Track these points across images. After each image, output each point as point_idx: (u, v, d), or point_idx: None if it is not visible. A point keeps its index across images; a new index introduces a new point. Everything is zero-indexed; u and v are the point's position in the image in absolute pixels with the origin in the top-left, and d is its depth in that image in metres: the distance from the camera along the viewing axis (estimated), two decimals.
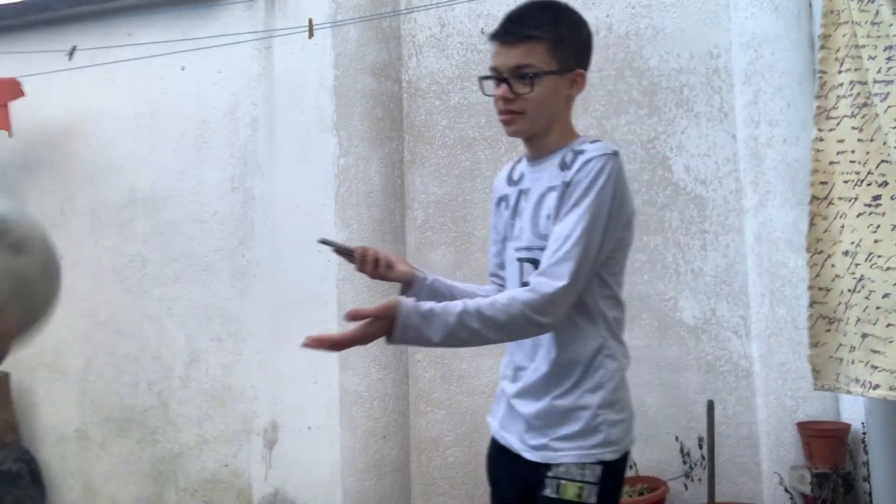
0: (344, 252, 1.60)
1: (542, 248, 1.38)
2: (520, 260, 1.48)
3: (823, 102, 2.14)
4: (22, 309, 0.86)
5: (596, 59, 3.27)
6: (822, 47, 2.14)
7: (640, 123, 3.26)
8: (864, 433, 2.65)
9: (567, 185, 1.38)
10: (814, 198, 2.14)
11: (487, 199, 3.36)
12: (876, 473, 2.38)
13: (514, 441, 1.47)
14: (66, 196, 3.91)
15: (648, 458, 3.15)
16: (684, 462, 3.05)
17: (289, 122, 3.58)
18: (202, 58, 3.63)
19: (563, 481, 1.36)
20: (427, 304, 1.31)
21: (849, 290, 2.05)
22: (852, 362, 2.05)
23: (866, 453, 2.58)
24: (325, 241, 1.61)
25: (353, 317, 1.27)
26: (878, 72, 2.01)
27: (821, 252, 2.13)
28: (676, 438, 3.11)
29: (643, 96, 3.26)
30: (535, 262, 1.42)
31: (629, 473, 3.11)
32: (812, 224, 2.15)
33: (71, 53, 3.72)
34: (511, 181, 1.56)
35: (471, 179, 3.41)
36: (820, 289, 2.13)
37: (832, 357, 2.12)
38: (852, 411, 2.86)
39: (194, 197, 3.72)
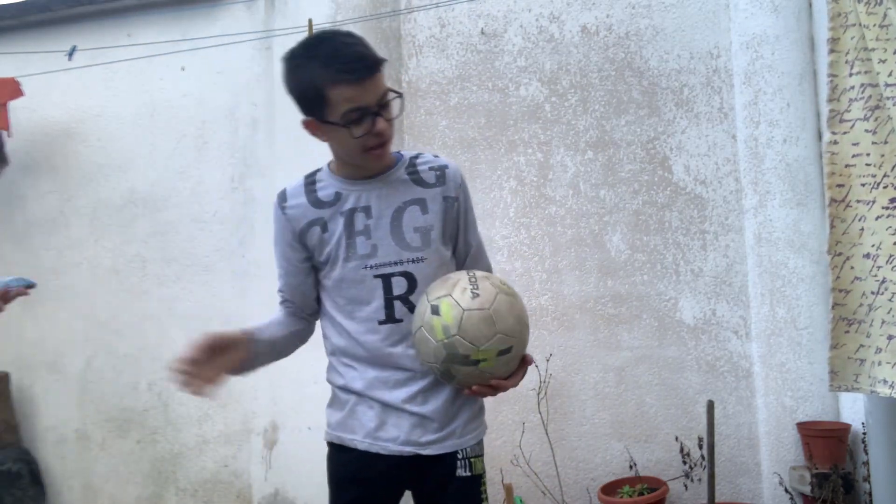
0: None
1: (415, 260, 1.49)
2: (385, 275, 1.50)
3: (836, 105, 2.13)
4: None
5: (596, 59, 3.32)
6: (832, 51, 2.13)
7: (640, 123, 3.26)
8: (864, 433, 2.65)
9: (455, 199, 1.54)
10: (832, 200, 2.14)
11: (487, 200, 3.38)
12: (876, 473, 2.39)
13: (404, 446, 1.51)
14: (66, 196, 3.91)
15: (648, 458, 3.15)
16: (684, 462, 3.05)
17: (289, 122, 3.53)
18: (202, 58, 3.62)
19: (471, 459, 1.55)
20: None
21: (872, 293, 2.06)
22: (878, 363, 2.05)
23: (866, 453, 2.58)
24: None
25: None
26: (890, 75, 2.00)
27: (840, 254, 2.13)
28: (676, 438, 3.11)
29: (643, 96, 3.26)
30: (407, 275, 1.49)
31: (630, 473, 3.13)
32: (832, 227, 2.14)
33: (71, 53, 3.71)
34: (321, 204, 1.54)
35: (470, 180, 3.38)
36: (840, 290, 2.13)
37: (851, 358, 2.12)
38: (852, 411, 2.86)
39: (194, 197, 3.72)
